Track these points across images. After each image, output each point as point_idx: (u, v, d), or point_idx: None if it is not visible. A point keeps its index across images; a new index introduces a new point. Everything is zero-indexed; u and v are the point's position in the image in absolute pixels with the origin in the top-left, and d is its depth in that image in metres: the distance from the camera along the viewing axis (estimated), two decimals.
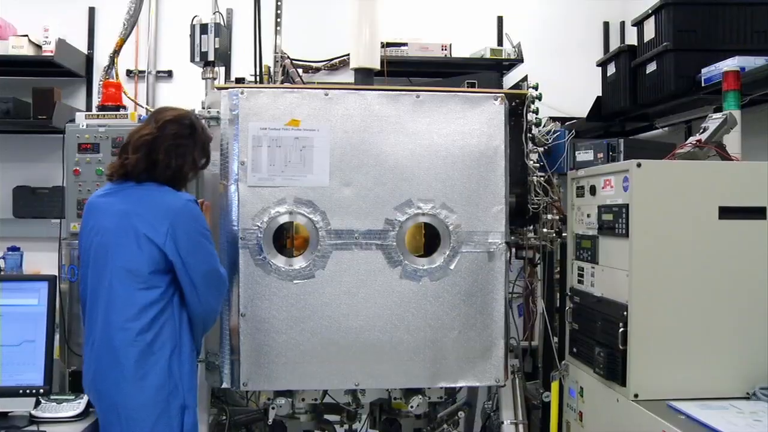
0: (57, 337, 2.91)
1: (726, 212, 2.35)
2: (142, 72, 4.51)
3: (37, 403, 2.47)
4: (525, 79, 3.85)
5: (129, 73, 4.47)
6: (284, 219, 2.76)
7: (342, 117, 2.76)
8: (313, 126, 2.75)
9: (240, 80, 3.39)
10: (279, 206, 2.73)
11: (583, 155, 2.90)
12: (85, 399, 2.49)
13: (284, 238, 2.90)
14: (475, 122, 2.79)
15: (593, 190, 2.65)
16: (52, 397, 2.54)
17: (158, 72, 4.53)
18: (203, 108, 2.87)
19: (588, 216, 2.70)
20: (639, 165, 2.34)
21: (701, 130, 2.52)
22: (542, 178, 3.03)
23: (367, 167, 2.75)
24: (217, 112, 2.76)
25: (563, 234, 3.07)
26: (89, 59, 4.43)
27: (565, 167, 3.34)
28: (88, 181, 3.20)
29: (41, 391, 2.45)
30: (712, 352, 2.34)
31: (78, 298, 2.71)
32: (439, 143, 2.76)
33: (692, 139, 2.51)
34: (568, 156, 3.26)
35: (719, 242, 2.35)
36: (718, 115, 2.52)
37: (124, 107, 3.42)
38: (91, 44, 4.48)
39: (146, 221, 2.28)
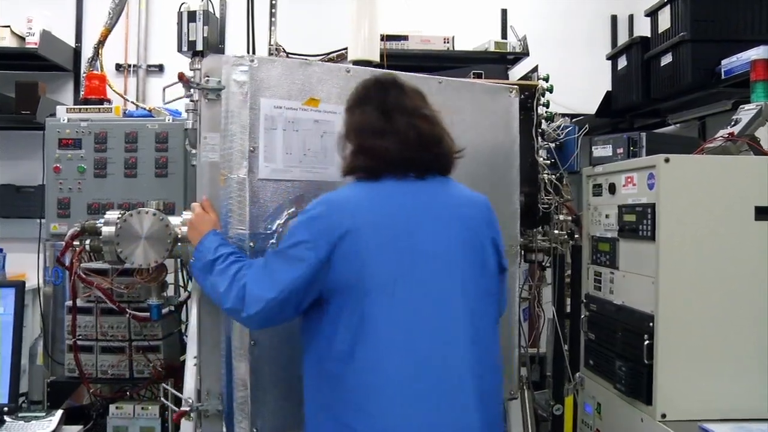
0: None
1: (763, 213, 2.07)
2: (132, 66, 4.22)
3: (2, 423, 2.18)
4: (535, 69, 3.58)
5: (118, 67, 4.18)
6: None
7: None
8: (334, 108, 2.24)
9: None
10: (298, 206, 2.19)
11: (601, 151, 2.62)
12: (57, 416, 2.20)
13: None
14: (492, 114, 2.49)
15: (612, 189, 2.37)
16: (20, 414, 2.25)
17: (149, 66, 4.24)
18: (191, 101, 2.56)
19: (606, 217, 2.41)
20: (667, 160, 2.05)
21: (732, 123, 2.24)
22: (553, 176, 2.75)
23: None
24: (218, 82, 2.16)
25: (575, 236, 2.79)
26: (77, 53, 4.14)
27: (575, 165, 3.07)
28: (69, 179, 2.94)
29: (5, 409, 2.15)
30: (749, 368, 2.06)
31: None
32: (459, 134, 2.37)
33: (723, 133, 2.23)
34: (580, 153, 2.99)
35: (756, 245, 2.06)
36: (751, 105, 2.24)
37: (109, 101, 3.14)
38: (79, 37, 4.19)
39: None
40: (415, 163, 1.78)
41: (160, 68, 4.25)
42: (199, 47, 2.83)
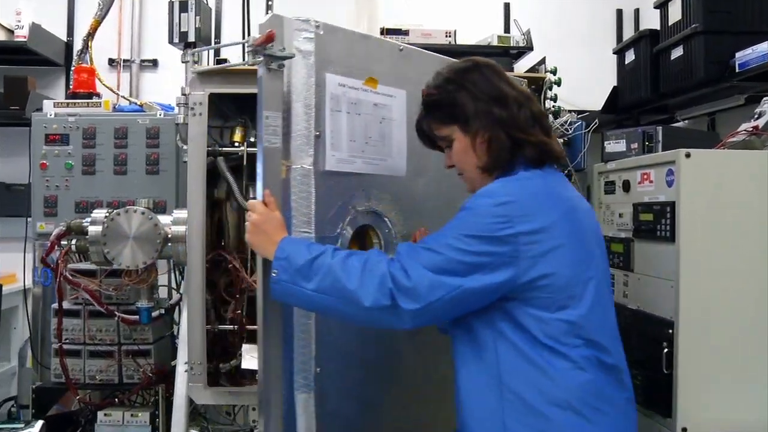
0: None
1: None
2: (126, 61, 4.04)
3: None
4: (543, 61, 3.40)
5: (111, 62, 4.00)
6: (363, 221, 1.98)
7: (416, 82, 1.89)
8: (389, 91, 1.97)
9: (221, 61, 2.95)
10: (360, 203, 1.92)
11: (614, 146, 2.44)
12: (37, 428, 2.04)
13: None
14: None
15: (627, 186, 2.21)
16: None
17: (142, 61, 4.05)
18: (183, 94, 2.39)
19: (620, 216, 2.25)
20: (688, 155, 1.90)
21: (755, 116, 2.09)
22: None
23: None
24: (282, 49, 1.72)
25: None
26: (68, 47, 3.94)
27: (582, 162, 2.92)
28: (56, 176, 2.81)
29: None
30: None
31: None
32: None
33: (746, 126, 2.07)
34: (586, 150, 2.84)
35: None
36: None
37: (98, 95, 2.97)
38: (70, 31, 3.99)
39: None
40: (558, 155, 1.69)
41: (155, 63, 4.07)
42: (191, 39, 2.66)
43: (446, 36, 3.76)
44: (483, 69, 1.68)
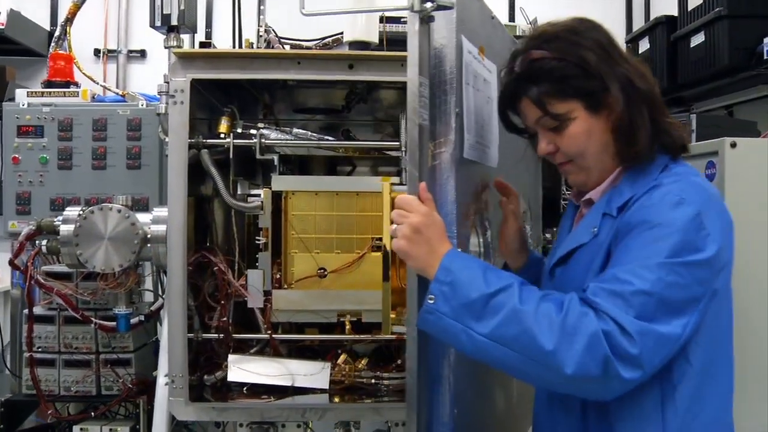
0: None
1: None
2: (112, 52, 3.79)
3: None
4: None
5: (97, 52, 3.75)
6: (479, 222, 1.66)
7: (502, 58, 1.54)
8: (489, 65, 1.60)
9: (205, 45, 2.70)
10: (476, 198, 1.60)
11: None
12: None
13: None
14: None
15: None
16: None
17: (130, 51, 3.82)
18: (165, 82, 2.14)
19: None
20: (734, 145, 1.66)
21: None
22: None
23: (512, 141, 1.60)
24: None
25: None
26: (52, 36, 3.69)
27: None
28: (30, 171, 2.57)
29: None
30: None
31: None
32: None
33: None
34: None
35: None
36: None
37: (76, 84, 2.71)
38: (54, 20, 3.77)
39: None
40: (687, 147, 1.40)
41: (143, 54, 3.85)
42: (174, 21, 2.39)
43: None
44: (604, 30, 1.36)
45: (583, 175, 1.37)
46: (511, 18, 3.83)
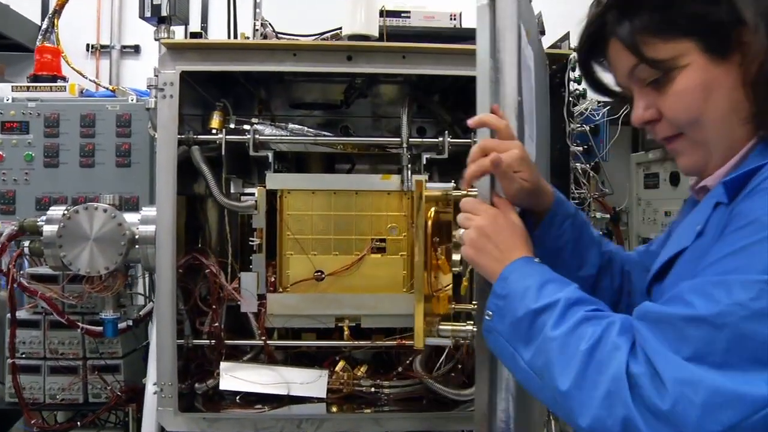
0: None
1: None
2: (105, 47, 3.67)
3: None
4: (566, 37, 3.02)
5: (90, 47, 3.63)
6: None
7: (536, 44, 1.44)
8: (530, 51, 1.43)
9: (196, 35, 2.57)
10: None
11: None
12: None
13: None
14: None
15: (675, 179, 1.83)
16: None
17: (123, 47, 3.70)
18: (155, 75, 2.02)
19: (666, 215, 1.88)
20: None
21: None
22: (588, 166, 2.21)
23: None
24: None
25: (612, 237, 2.26)
26: None
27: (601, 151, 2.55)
28: (14, 169, 2.46)
29: None
30: None
31: None
32: None
33: None
34: (607, 140, 2.47)
35: None
36: None
37: (64, 78, 2.59)
38: (45, 14, 3.62)
39: None
40: None
41: (136, 49, 3.72)
42: (165, 12, 2.27)
43: (451, 18, 3.40)
44: None
45: (698, 155, 0.98)
46: None
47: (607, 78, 1.11)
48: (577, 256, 1.24)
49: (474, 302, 1.18)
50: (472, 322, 1.33)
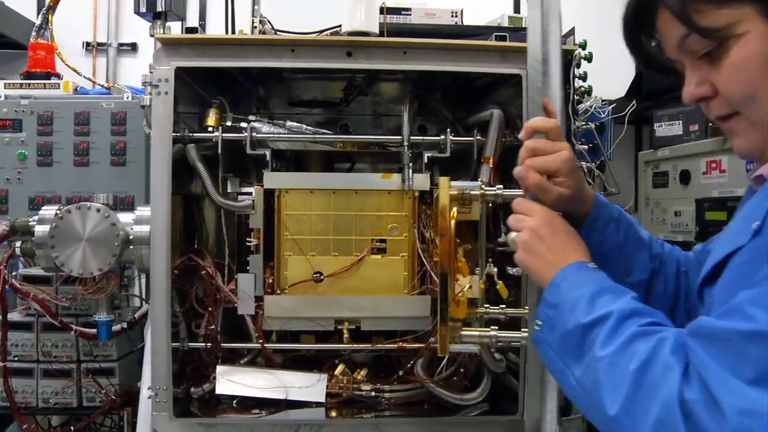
0: None
1: None
2: (102, 45, 3.62)
3: None
4: (571, 32, 2.97)
5: (87, 45, 3.57)
6: None
7: None
8: None
9: (192, 30, 2.52)
10: None
11: (667, 129, 2.01)
12: None
13: None
14: None
15: (686, 177, 1.79)
16: None
17: (120, 45, 3.65)
18: (150, 72, 1.97)
19: (676, 215, 1.83)
20: None
21: None
22: (594, 165, 2.16)
23: None
24: None
25: None
26: None
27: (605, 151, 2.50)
28: (7, 168, 2.46)
29: None
30: None
31: None
32: None
33: None
34: (611, 138, 2.42)
35: None
36: None
37: (58, 75, 2.54)
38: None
39: None
40: None
41: (134, 47, 3.67)
42: (160, 8, 2.22)
43: (452, 16, 3.37)
44: None
45: (755, 137, 0.87)
46: (516, 9, 3.67)
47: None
48: (625, 262, 1.18)
49: (526, 307, 1.14)
50: (497, 327, 1.30)
